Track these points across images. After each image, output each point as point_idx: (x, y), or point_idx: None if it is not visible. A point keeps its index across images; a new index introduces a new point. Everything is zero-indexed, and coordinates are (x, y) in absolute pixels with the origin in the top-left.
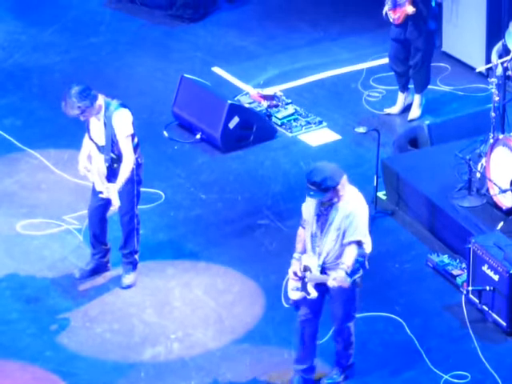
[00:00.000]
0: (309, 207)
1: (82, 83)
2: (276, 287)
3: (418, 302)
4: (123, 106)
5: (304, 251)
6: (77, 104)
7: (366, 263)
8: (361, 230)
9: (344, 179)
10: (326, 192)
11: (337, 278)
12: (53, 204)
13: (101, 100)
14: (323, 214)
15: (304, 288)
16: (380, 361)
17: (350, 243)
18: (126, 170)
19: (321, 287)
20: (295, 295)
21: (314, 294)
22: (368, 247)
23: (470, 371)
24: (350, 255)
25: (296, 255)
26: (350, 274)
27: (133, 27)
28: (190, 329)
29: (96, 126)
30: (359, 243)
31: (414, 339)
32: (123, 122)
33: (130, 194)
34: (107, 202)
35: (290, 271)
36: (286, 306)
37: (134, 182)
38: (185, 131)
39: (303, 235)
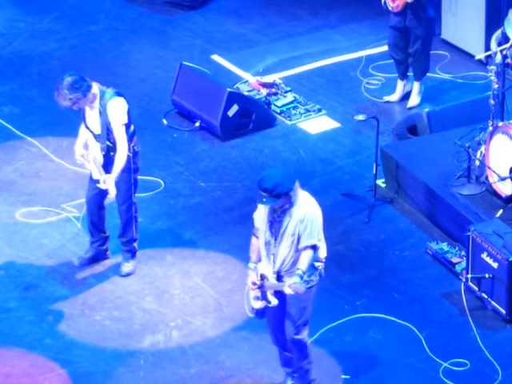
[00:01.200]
0: (261, 214)
1: (76, 73)
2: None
3: (418, 290)
4: (118, 94)
5: (259, 260)
6: (68, 96)
7: (322, 271)
8: (315, 234)
9: (296, 184)
10: (278, 198)
11: (292, 285)
12: (52, 192)
13: (95, 89)
14: (276, 221)
15: (264, 297)
16: (379, 348)
17: (304, 248)
18: (120, 160)
19: (280, 294)
20: (257, 304)
21: (274, 301)
22: (323, 252)
23: (469, 359)
24: (304, 260)
25: (251, 265)
26: (307, 280)
27: (132, 15)
28: (190, 316)
29: (91, 115)
30: (314, 248)
31: (413, 327)
32: (118, 110)
33: (127, 183)
34: (105, 190)
35: (249, 281)
36: (251, 315)
37: (131, 170)
38: (184, 119)
39: (257, 244)
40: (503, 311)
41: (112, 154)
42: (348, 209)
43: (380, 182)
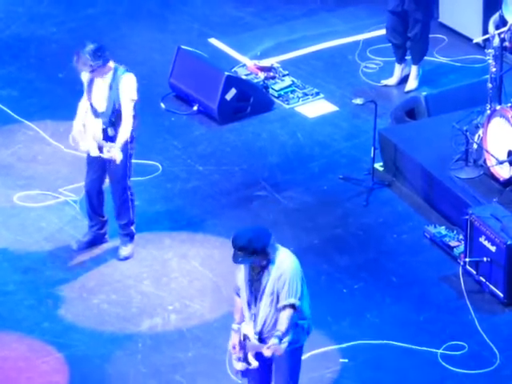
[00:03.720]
0: (241, 273)
1: (97, 42)
2: None
3: (416, 273)
4: (129, 72)
5: (242, 320)
6: (89, 61)
7: (310, 328)
8: (294, 292)
9: (273, 240)
10: (254, 255)
11: (270, 347)
12: (49, 176)
13: (111, 63)
14: (255, 280)
15: (245, 358)
16: (377, 332)
17: (284, 307)
18: (125, 132)
19: (263, 356)
20: (238, 366)
21: (254, 363)
22: (306, 308)
23: (467, 342)
24: (284, 320)
25: (234, 326)
26: (291, 341)
27: None
28: (188, 300)
29: (99, 89)
30: (294, 307)
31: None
32: (131, 86)
33: (123, 167)
34: (103, 174)
35: (230, 343)
36: (234, 377)
37: (128, 155)
38: (182, 103)
39: (240, 304)
40: (501, 294)
41: (111, 132)
42: (346, 192)
43: (378, 166)
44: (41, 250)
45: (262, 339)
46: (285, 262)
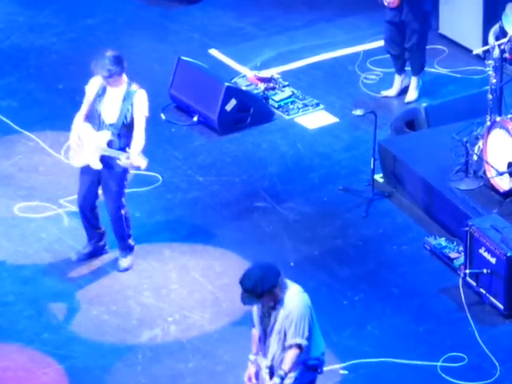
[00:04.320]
0: (255, 307)
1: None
2: None
3: (416, 285)
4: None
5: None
6: (108, 66)
7: (322, 368)
8: (300, 332)
9: (280, 280)
10: (261, 297)
11: None
12: (50, 186)
13: (125, 77)
14: (266, 316)
15: None
16: (378, 344)
17: (290, 346)
18: (139, 144)
19: None
20: None
21: None
22: (317, 348)
23: (467, 354)
24: (288, 360)
25: (251, 357)
26: (296, 381)
27: (130, 8)
28: (187, 311)
29: (112, 100)
30: (300, 347)
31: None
32: (145, 101)
33: (120, 184)
34: (97, 190)
35: (246, 374)
36: None
37: (126, 172)
38: (182, 113)
39: (256, 335)
40: (501, 306)
41: (117, 145)
42: (346, 203)
43: (378, 177)
44: (41, 261)
45: (272, 373)
46: (292, 302)
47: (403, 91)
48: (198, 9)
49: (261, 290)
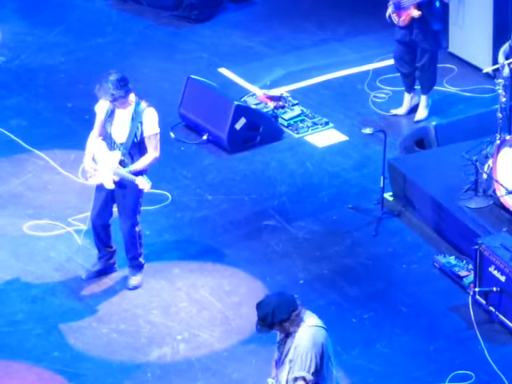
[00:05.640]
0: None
1: (121, 72)
2: (283, 288)
3: (425, 303)
4: (150, 106)
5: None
6: (111, 91)
7: None
8: (306, 366)
9: (296, 313)
10: (271, 328)
11: None
12: (59, 205)
13: (133, 96)
14: (281, 344)
15: None
16: (387, 362)
17: (295, 379)
18: (146, 160)
19: None
20: None
21: None
22: (331, 380)
23: (476, 372)
24: None
25: (269, 380)
26: None
27: (139, 28)
28: (197, 329)
29: (121, 120)
30: (305, 380)
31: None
32: (154, 120)
33: (135, 201)
34: (111, 208)
35: None
36: None
37: (141, 190)
38: (191, 132)
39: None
40: (511, 324)
41: (129, 163)
42: (355, 222)
43: (387, 196)
44: (50, 280)
45: None
46: (303, 335)
47: (413, 110)
48: (208, 28)
49: (271, 321)
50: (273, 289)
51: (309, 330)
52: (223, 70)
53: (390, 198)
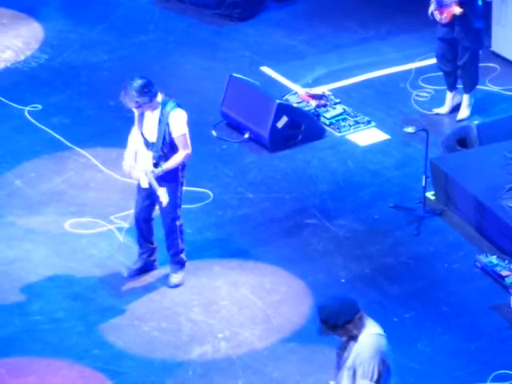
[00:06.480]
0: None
1: (146, 77)
2: (324, 287)
3: (466, 302)
4: (179, 106)
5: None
6: (135, 98)
7: None
8: (369, 374)
9: (358, 316)
10: (335, 330)
11: None
12: (101, 203)
13: (160, 97)
14: (342, 349)
15: None
16: (428, 361)
17: None
18: (177, 159)
19: None
20: None
21: None
22: None
23: None
24: None
25: (331, 383)
26: None
27: (181, 26)
28: (237, 328)
29: (150, 122)
30: None
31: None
32: (180, 121)
33: (174, 196)
34: (153, 202)
35: None
36: None
37: (179, 183)
38: (233, 130)
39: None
40: None
41: (162, 164)
42: (397, 221)
43: (429, 195)
44: (91, 277)
45: None
46: (365, 342)
47: (455, 109)
48: (250, 26)
49: (334, 322)
50: (314, 288)
51: (371, 337)
52: (265, 69)
53: (432, 197)
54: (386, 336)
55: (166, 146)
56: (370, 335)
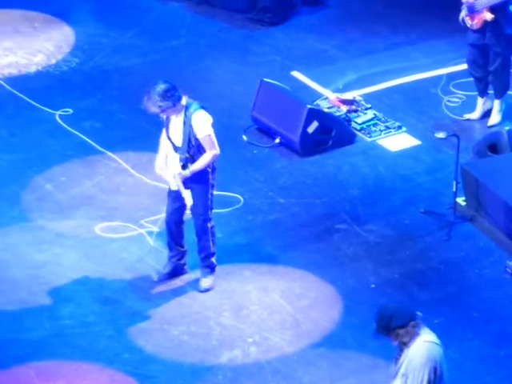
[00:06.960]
0: None
1: (169, 81)
2: (353, 292)
3: (497, 308)
4: (203, 107)
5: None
6: (159, 103)
7: None
8: (418, 381)
9: (413, 323)
10: (388, 332)
11: None
12: (131, 207)
13: (184, 100)
14: (396, 357)
15: None
16: (457, 367)
17: None
18: (204, 160)
19: None
20: None
21: None
22: None
23: None
24: None
25: None
26: None
27: (213, 30)
28: (267, 332)
29: (175, 125)
30: None
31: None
32: (202, 122)
33: (204, 198)
34: (183, 204)
35: None
36: None
37: (209, 185)
38: (264, 135)
39: None
40: None
41: (190, 166)
42: (427, 226)
43: (460, 200)
44: (121, 281)
45: None
46: (417, 349)
47: (486, 114)
48: (281, 31)
49: (387, 324)
50: (343, 293)
51: (424, 345)
52: (296, 74)
53: (463, 203)
54: (441, 345)
55: (192, 148)
56: (423, 343)
